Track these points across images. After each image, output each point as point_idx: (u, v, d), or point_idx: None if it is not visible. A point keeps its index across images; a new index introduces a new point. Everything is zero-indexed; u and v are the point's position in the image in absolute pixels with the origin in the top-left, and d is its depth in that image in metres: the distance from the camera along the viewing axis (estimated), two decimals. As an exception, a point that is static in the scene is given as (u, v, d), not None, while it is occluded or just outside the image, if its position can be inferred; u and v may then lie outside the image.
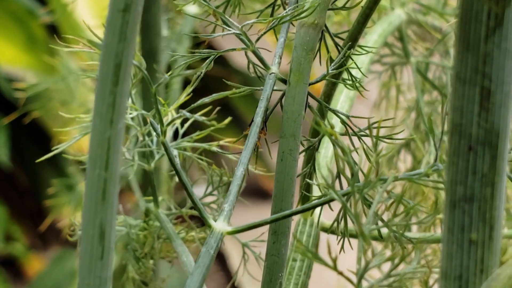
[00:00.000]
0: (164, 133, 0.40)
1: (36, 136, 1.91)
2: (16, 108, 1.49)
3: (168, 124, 0.40)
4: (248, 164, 0.44)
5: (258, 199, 1.82)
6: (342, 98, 0.60)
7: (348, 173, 0.39)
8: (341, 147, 0.36)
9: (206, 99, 0.41)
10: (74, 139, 0.50)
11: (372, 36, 0.65)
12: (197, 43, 0.88)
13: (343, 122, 0.45)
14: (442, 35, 0.71)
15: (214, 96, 0.42)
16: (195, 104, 0.41)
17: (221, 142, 0.51)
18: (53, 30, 1.73)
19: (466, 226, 0.34)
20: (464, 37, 0.32)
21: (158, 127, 0.39)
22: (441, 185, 0.41)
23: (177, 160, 0.41)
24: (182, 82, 0.92)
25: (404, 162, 0.75)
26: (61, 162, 1.76)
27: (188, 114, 0.41)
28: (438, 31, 0.73)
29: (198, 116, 0.42)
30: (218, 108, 0.45)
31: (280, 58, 0.46)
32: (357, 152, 0.46)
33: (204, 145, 0.51)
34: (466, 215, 0.33)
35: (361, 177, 0.41)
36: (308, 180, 0.45)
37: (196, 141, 0.50)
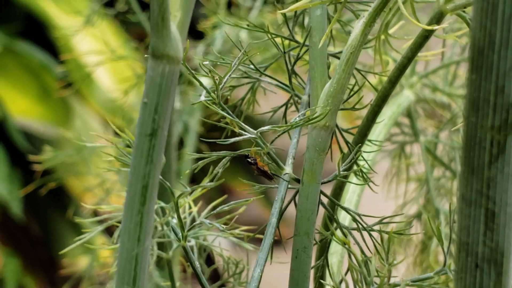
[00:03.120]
0: (185, 238, 0.42)
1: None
2: (27, 159, 1.51)
3: (189, 230, 0.42)
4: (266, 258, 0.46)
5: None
6: (354, 180, 0.62)
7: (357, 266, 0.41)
8: (355, 256, 0.38)
9: (225, 207, 0.44)
10: (96, 230, 0.52)
11: (382, 119, 0.67)
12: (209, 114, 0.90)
13: (354, 219, 0.47)
14: (451, 113, 0.73)
15: (232, 204, 0.44)
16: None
17: (237, 231, 0.53)
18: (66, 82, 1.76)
19: (474, 338, 0.35)
20: (469, 162, 0.35)
21: (179, 232, 0.42)
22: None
23: (197, 263, 0.43)
24: (195, 150, 0.95)
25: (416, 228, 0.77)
26: (72, 210, 1.78)
27: (207, 222, 0.43)
28: (446, 108, 0.75)
29: (219, 225, 0.44)
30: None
31: (293, 159, 0.48)
32: (367, 246, 0.48)
33: (221, 235, 0.53)
34: (474, 328, 0.35)
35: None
36: (321, 281, 0.47)
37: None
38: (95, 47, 1.34)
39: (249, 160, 0.46)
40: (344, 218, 0.54)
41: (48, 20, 1.71)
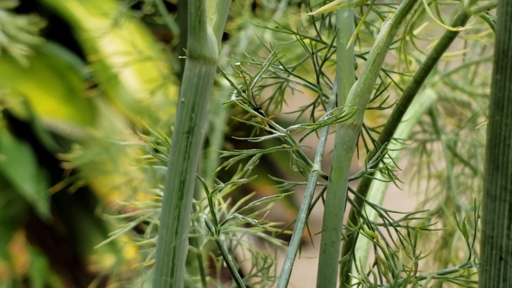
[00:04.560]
0: (218, 232, 0.43)
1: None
2: (54, 159, 1.53)
3: (222, 224, 0.44)
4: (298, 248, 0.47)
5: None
6: (379, 177, 0.63)
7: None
8: (383, 250, 0.40)
9: (257, 202, 0.45)
10: (129, 226, 0.54)
11: (405, 117, 0.68)
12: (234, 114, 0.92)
13: (381, 215, 0.49)
14: (471, 111, 0.74)
15: (264, 199, 0.46)
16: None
17: (267, 226, 0.55)
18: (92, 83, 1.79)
19: (498, 328, 0.37)
20: (493, 159, 0.36)
21: (212, 227, 0.43)
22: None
23: (230, 257, 0.45)
24: (220, 148, 0.97)
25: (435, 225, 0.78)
26: (96, 207, 1.80)
27: (240, 217, 0.45)
28: (466, 107, 0.77)
29: (251, 219, 0.46)
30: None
31: (321, 156, 0.49)
32: (392, 241, 0.49)
33: (250, 230, 0.54)
34: (498, 318, 0.37)
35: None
36: (349, 274, 0.48)
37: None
38: (121, 48, 1.36)
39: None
40: (368, 214, 0.55)
41: (74, 22, 1.74)
